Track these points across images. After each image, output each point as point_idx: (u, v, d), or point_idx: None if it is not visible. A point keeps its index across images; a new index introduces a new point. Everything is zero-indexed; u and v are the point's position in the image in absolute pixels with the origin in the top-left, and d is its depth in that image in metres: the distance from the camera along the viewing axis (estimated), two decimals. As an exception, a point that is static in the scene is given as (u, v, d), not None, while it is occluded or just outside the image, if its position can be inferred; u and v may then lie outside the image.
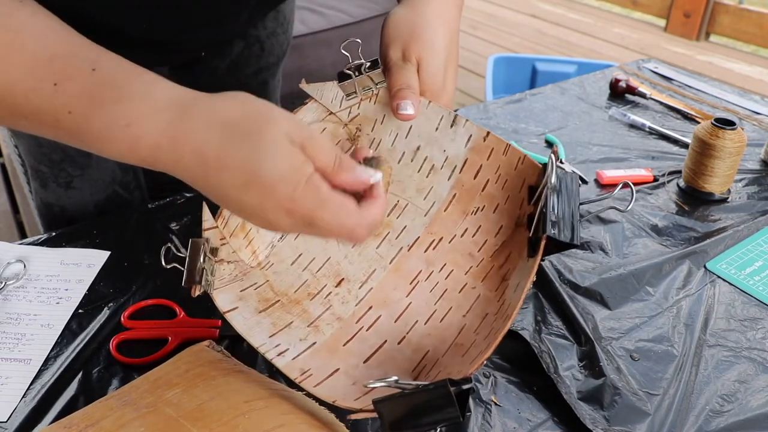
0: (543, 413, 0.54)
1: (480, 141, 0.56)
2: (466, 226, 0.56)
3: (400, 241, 0.57)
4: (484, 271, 0.55)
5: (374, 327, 0.53)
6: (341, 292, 0.55)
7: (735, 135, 0.81)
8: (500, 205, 0.56)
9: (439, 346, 0.52)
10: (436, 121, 0.57)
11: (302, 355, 0.51)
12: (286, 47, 0.95)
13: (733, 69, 3.06)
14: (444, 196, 0.57)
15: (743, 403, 0.55)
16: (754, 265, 0.72)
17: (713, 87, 1.17)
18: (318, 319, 0.54)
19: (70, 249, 0.72)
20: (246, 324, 0.51)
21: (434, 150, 0.57)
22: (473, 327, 0.52)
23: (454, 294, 0.55)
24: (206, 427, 0.45)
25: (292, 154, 0.42)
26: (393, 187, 0.59)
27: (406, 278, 0.55)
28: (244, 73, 0.90)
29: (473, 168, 0.56)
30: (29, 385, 0.56)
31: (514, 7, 3.95)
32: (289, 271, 0.56)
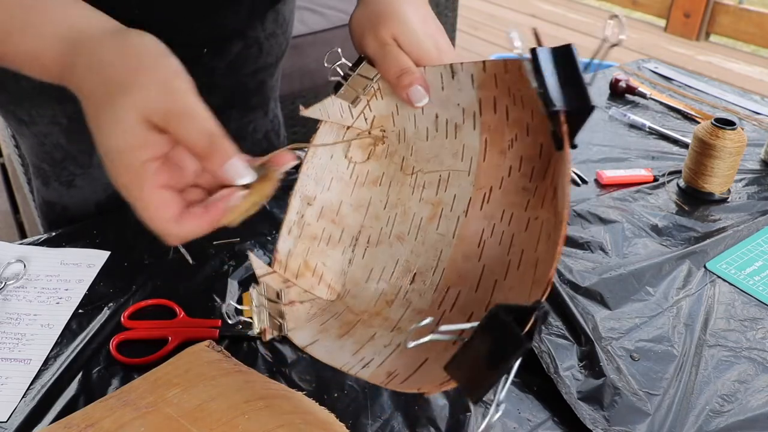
0: (543, 413, 0.54)
1: (482, 74, 0.52)
2: (510, 163, 0.52)
3: (455, 211, 0.55)
4: (540, 197, 0.51)
5: (456, 305, 0.51)
6: (416, 287, 0.54)
7: (735, 135, 0.81)
8: (529, 124, 0.52)
9: (524, 294, 0.48)
10: (438, 82, 0.54)
11: (388, 359, 0.49)
12: (284, 48, 0.95)
13: (733, 69, 3.06)
14: (477, 147, 0.54)
15: (743, 403, 0.55)
16: (754, 265, 0.72)
17: (713, 87, 1.17)
18: (400, 320, 0.53)
19: (70, 249, 0.72)
20: (328, 351, 0.50)
21: (450, 109, 0.55)
22: (544, 255, 0.49)
23: (522, 235, 0.52)
24: (206, 427, 0.45)
25: (130, 134, 0.39)
26: (430, 165, 0.56)
27: (472, 244, 0.53)
28: (242, 72, 0.90)
29: (489, 104, 0.53)
30: (29, 385, 0.56)
31: (514, 7, 3.95)
32: (364, 290, 0.55)
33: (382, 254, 0.56)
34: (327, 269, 0.56)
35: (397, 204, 0.57)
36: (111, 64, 0.41)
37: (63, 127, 0.78)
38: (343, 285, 0.55)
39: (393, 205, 0.57)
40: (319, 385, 0.56)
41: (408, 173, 0.57)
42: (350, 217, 0.57)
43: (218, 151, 0.40)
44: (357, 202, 0.57)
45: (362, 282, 0.56)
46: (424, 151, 0.57)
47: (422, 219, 0.56)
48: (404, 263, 0.55)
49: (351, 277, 0.56)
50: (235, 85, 0.91)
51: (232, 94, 0.91)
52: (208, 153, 0.40)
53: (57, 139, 0.79)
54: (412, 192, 0.57)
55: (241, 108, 0.94)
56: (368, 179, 0.58)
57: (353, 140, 0.57)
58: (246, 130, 0.95)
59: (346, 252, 0.57)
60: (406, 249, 0.56)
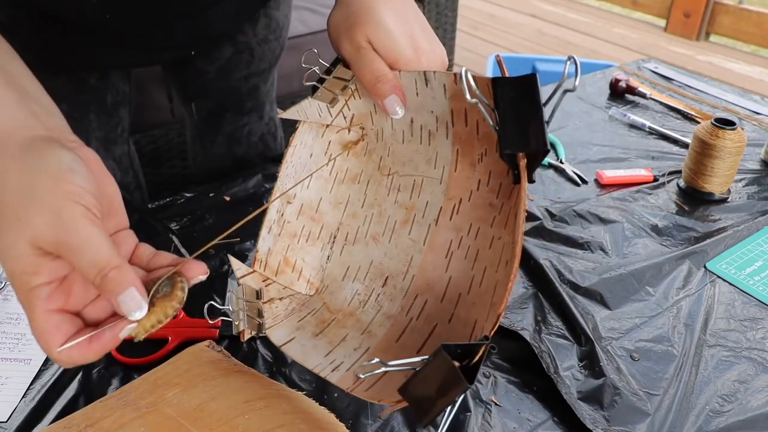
0: (543, 413, 0.54)
1: (453, 86, 0.52)
2: (479, 177, 0.53)
3: (427, 218, 0.56)
4: (504, 216, 0.53)
5: (423, 314, 0.53)
6: (388, 291, 0.55)
7: (735, 135, 0.81)
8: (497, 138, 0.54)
9: (484, 313, 0.50)
10: (413, 88, 0.54)
11: (356, 364, 0.50)
12: (279, 53, 0.94)
13: (733, 69, 3.06)
14: (449, 156, 0.55)
15: (743, 403, 0.55)
16: (754, 265, 0.72)
17: (713, 87, 1.17)
18: (370, 324, 0.54)
19: (70, 249, 0.72)
20: (303, 350, 0.51)
21: (424, 115, 0.55)
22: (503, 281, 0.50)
23: (486, 252, 0.53)
24: (206, 427, 0.45)
25: (21, 261, 0.39)
26: (406, 168, 0.57)
27: (441, 254, 0.54)
28: (233, 77, 0.90)
29: (461, 115, 0.53)
30: (29, 385, 0.56)
31: (515, 7, 3.95)
32: (341, 287, 0.56)
33: (358, 253, 0.57)
34: (306, 265, 0.56)
35: (374, 204, 0.58)
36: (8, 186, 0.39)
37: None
38: (321, 280, 0.56)
39: (370, 204, 0.58)
40: (319, 385, 0.56)
41: (385, 173, 0.58)
42: (329, 214, 0.58)
43: (110, 284, 0.39)
44: (336, 199, 0.58)
45: (339, 279, 0.56)
46: (400, 153, 0.58)
47: (396, 222, 0.57)
48: (378, 265, 0.56)
49: (329, 273, 0.57)
50: (227, 89, 0.90)
51: (224, 97, 0.91)
52: (100, 285, 0.39)
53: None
54: (388, 193, 0.58)
55: (235, 111, 0.94)
56: (347, 176, 0.58)
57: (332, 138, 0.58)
58: (241, 133, 0.95)
59: (324, 249, 0.58)
60: (380, 250, 0.57)
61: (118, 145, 0.86)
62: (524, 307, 0.65)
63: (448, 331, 0.51)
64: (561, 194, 0.85)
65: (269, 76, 0.96)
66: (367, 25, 0.53)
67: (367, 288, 0.56)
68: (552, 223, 0.78)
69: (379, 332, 0.53)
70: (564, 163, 0.91)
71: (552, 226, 0.77)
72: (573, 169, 0.89)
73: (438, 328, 0.51)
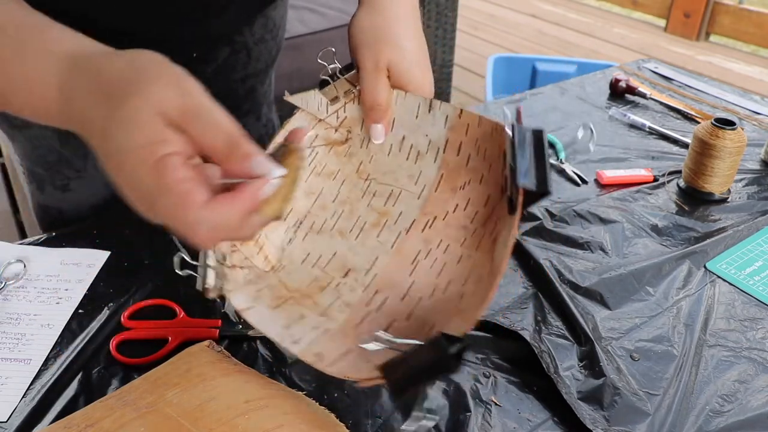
0: (543, 413, 0.54)
1: (456, 119, 0.58)
2: (457, 201, 0.57)
3: (398, 225, 0.59)
4: (477, 239, 0.57)
5: (382, 309, 0.55)
6: (349, 282, 0.57)
7: (735, 135, 0.81)
8: (484, 175, 0.58)
9: (443, 317, 0.53)
10: (415, 110, 0.60)
11: (316, 341, 0.52)
12: (275, 53, 0.94)
13: (733, 69, 3.06)
14: (432, 177, 0.59)
15: (743, 403, 0.55)
16: (754, 265, 0.72)
17: (713, 87, 1.17)
18: (329, 308, 0.55)
19: (70, 249, 0.72)
20: (262, 319, 0.52)
21: (418, 137, 0.60)
22: (471, 292, 0.54)
23: (453, 266, 0.57)
24: (206, 427, 0.45)
25: (147, 129, 0.37)
26: (387, 178, 0.61)
27: (407, 259, 0.57)
28: (230, 78, 0.89)
29: (455, 146, 0.59)
30: (29, 385, 0.56)
31: (514, 7, 3.95)
32: (300, 270, 0.58)
33: (321, 243, 0.59)
34: (268, 242, 0.58)
35: (346, 202, 0.61)
36: (117, 78, 0.39)
37: (56, 129, 0.77)
38: (279, 260, 0.58)
39: (342, 201, 0.61)
40: (319, 385, 0.56)
41: (363, 178, 0.61)
42: (300, 200, 0.60)
43: (240, 150, 0.38)
44: (309, 189, 0.61)
45: (298, 262, 0.58)
46: (383, 163, 0.61)
47: (366, 223, 0.60)
48: (341, 257, 0.59)
49: (288, 254, 0.58)
50: (224, 91, 0.90)
51: (221, 99, 0.91)
52: (230, 153, 0.38)
53: (50, 143, 0.79)
54: (362, 196, 0.61)
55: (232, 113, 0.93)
56: (324, 171, 0.61)
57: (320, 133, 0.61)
58: None
59: (288, 231, 0.60)
60: (344, 245, 0.59)
61: None
62: (524, 307, 0.65)
63: (406, 327, 0.54)
64: (561, 194, 0.85)
65: (266, 78, 0.95)
66: (391, 48, 0.57)
67: (326, 275, 0.58)
68: (552, 223, 0.78)
69: (339, 317, 0.54)
70: (564, 163, 0.91)
71: (552, 226, 0.77)
72: (573, 169, 0.89)
73: (396, 323, 0.54)
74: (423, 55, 0.60)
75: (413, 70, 0.58)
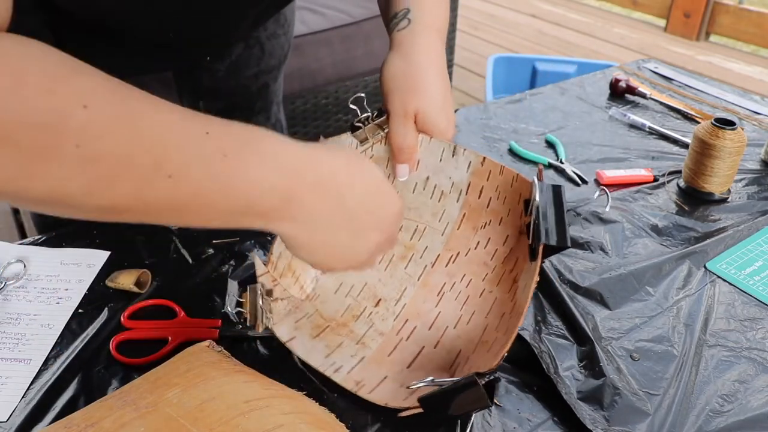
0: (543, 413, 0.54)
1: (478, 165, 0.64)
2: (478, 239, 0.62)
3: (424, 259, 0.64)
4: (497, 276, 0.61)
5: (412, 337, 0.59)
6: (380, 311, 0.61)
7: (735, 135, 0.81)
8: (504, 218, 0.63)
9: (468, 346, 0.58)
10: (439, 154, 0.65)
11: (355, 369, 0.56)
12: (287, 49, 0.95)
13: (733, 69, 3.06)
14: (455, 216, 0.65)
15: (743, 403, 0.55)
16: (754, 265, 0.72)
17: (713, 87, 1.17)
18: (364, 336, 0.59)
19: (70, 249, 0.72)
20: (305, 349, 0.56)
21: (441, 178, 0.65)
22: (494, 326, 0.58)
23: (475, 299, 0.61)
24: (206, 427, 0.45)
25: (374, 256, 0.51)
26: (411, 214, 0.66)
27: (433, 291, 0.61)
28: (244, 75, 0.90)
29: (476, 189, 0.64)
30: (29, 385, 0.56)
31: (515, 7, 3.95)
32: (333, 299, 0.62)
33: (353, 275, 0.63)
34: (303, 273, 0.62)
35: None
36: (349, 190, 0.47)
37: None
38: (313, 289, 0.61)
39: None
40: (319, 385, 0.56)
41: None
42: None
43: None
44: None
45: (331, 292, 0.62)
46: (408, 200, 0.66)
47: (394, 255, 0.65)
48: (372, 287, 0.62)
49: (322, 284, 0.62)
50: (237, 87, 0.90)
51: (234, 97, 0.92)
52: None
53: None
54: None
55: (244, 112, 0.94)
56: None
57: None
58: None
59: None
60: (374, 276, 0.63)
61: None
62: (524, 307, 0.65)
63: (434, 354, 0.58)
64: (561, 194, 0.85)
65: (278, 74, 0.96)
66: (419, 96, 0.61)
67: (358, 304, 0.62)
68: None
69: (373, 345, 0.58)
70: (564, 163, 0.91)
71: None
72: (573, 169, 0.89)
73: (425, 350, 0.58)
74: (448, 102, 0.64)
75: (439, 117, 0.62)
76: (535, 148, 0.96)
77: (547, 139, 0.98)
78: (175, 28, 0.69)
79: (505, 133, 1.00)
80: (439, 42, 0.65)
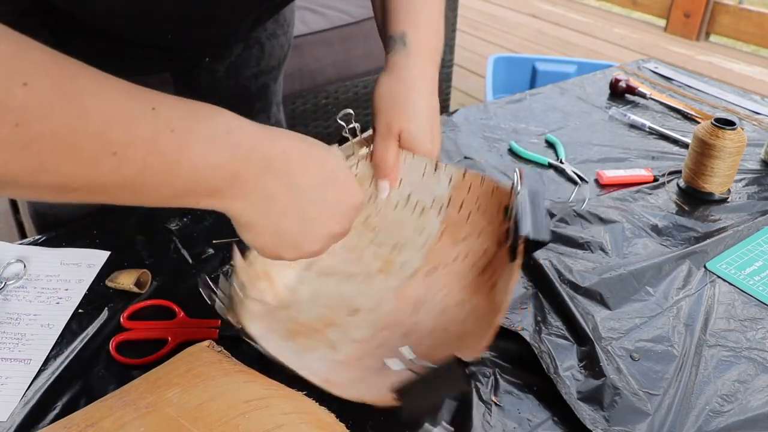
0: (543, 413, 0.54)
1: (459, 179, 0.65)
2: (457, 252, 0.63)
3: (402, 272, 0.64)
4: (475, 286, 0.62)
5: (387, 345, 0.58)
6: (356, 321, 0.60)
7: (735, 135, 0.81)
8: (483, 230, 0.64)
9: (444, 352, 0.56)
10: (421, 170, 0.66)
11: (327, 370, 0.55)
12: (287, 49, 0.95)
13: (733, 69, 3.06)
14: (435, 230, 0.66)
15: (743, 403, 0.55)
16: (754, 265, 0.72)
17: (713, 87, 1.17)
18: (337, 342, 0.59)
19: (70, 249, 0.72)
20: (278, 349, 0.55)
21: (423, 194, 0.66)
22: (471, 331, 0.57)
23: (453, 309, 0.61)
24: (206, 427, 0.45)
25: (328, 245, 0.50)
26: (392, 230, 0.66)
27: (410, 301, 0.61)
28: (243, 75, 0.90)
29: (457, 203, 0.65)
30: (29, 385, 0.56)
31: (515, 7, 3.95)
32: (308, 308, 0.62)
33: (330, 285, 0.64)
34: (280, 280, 0.62)
35: (354, 249, 0.65)
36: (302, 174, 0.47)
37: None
38: (288, 298, 0.61)
39: (350, 248, 0.65)
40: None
41: (370, 229, 0.66)
42: None
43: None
44: None
45: (307, 302, 0.62)
46: (389, 216, 0.67)
47: (373, 269, 0.65)
48: (348, 299, 0.62)
49: (298, 294, 0.62)
50: (236, 87, 0.90)
51: (234, 98, 0.92)
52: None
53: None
54: (369, 244, 0.66)
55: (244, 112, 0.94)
56: None
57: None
58: None
59: (300, 273, 0.64)
60: (352, 287, 0.63)
61: None
62: (524, 307, 0.65)
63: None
64: (561, 194, 0.85)
65: (278, 74, 0.96)
66: (404, 116, 0.63)
67: (334, 313, 0.61)
68: (552, 223, 0.78)
69: (346, 350, 0.58)
70: (564, 163, 0.91)
71: (552, 226, 0.77)
72: (573, 169, 0.89)
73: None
74: (434, 124, 0.64)
75: (424, 137, 0.63)
76: (535, 148, 0.96)
77: (547, 139, 0.98)
78: (174, 30, 0.69)
79: (505, 133, 1.00)
80: (432, 67, 0.66)
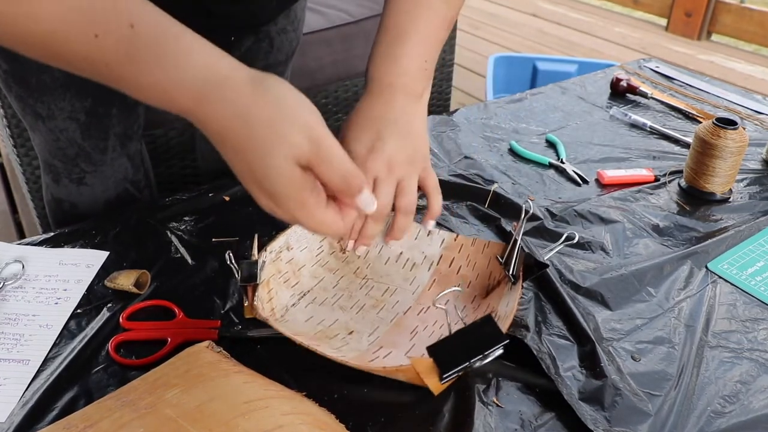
0: (544, 414, 0.54)
1: (451, 241, 0.70)
2: (447, 298, 0.64)
3: (396, 309, 0.66)
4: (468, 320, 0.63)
5: (387, 358, 0.59)
6: (352, 339, 0.62)
7: (736, 135, 0.81)
8: (472, 281, 0.68)
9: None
10: (414, 233, 0.70)
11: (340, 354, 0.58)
12: (295, 45, 0.95)
13: (735, 68, 3.05)
14: (425, 281, 0.69)
15: (745, 404, 0.55)
16: (755, 266, 0.72)
17: (715, 86, 1.17)
18: (340, 348, 0.60)
19: (69, 249, 0.72)
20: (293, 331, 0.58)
21: (414, 253, 0.70)
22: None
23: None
24: (206, 427, 0.45)
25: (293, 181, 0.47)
26: (383, 279, 0.69)
27: (406, 331, 0.63)
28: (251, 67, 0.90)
29: (448, 260, 0.69)
30: (28, 385, 0.55)
31: (515, 7, 3.94)
32: (305, 325, 0.63)
33: (324, 311, 0.65)
34: (277, 297, 0.63)
35: (345, 289, 0.68)
36: (253, 107, 0.47)
37: (80, 122, 0.78)
38: (282, 315, 0.63)
39: (341, 288, 0.68)
40: (319, 385, 0.56)
41: (360, 277, 0.69)
42: (305, 278, 0.67)
43: (350, 188, 0.49)
44: (313, 273, 0.68)
45: (302, 321, 0.63)
46: (380, 269, 0.70)
47: (365, 305, 0.66)
48: (344, 323, 0.64)
49: (293, 313, 0.64)
50: None
51: None
52: (343, 190, 0.50)
53: (72, 135, 0.79)
54: (360, 288, 0.68)
55: None
56: (327, 265, 0.69)
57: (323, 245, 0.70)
58: None
59: (294, 296, 0.65)
60: (346, 315, 0.65)
61: (133, 142, 0.86)
62: (525, 308, 0.64)
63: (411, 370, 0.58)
64: (561, 194, 0.85)
65: (285, 69, 0.96)
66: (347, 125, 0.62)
67: (331, 331, 0.63)
68: (553, 223, 0.78)
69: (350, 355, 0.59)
70: (565, 163, 0.91)
71: (553, 226, 0.77)
72: (574, 169, 0.89)
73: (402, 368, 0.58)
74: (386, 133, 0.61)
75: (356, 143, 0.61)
76: (535, 147, 0.95)
77: (547, 139, 0.98)
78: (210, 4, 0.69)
79: (506, 133, 1.00)
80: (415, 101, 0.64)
